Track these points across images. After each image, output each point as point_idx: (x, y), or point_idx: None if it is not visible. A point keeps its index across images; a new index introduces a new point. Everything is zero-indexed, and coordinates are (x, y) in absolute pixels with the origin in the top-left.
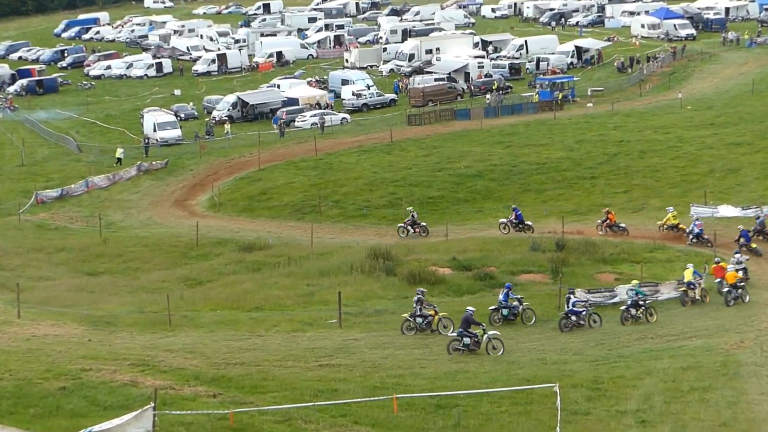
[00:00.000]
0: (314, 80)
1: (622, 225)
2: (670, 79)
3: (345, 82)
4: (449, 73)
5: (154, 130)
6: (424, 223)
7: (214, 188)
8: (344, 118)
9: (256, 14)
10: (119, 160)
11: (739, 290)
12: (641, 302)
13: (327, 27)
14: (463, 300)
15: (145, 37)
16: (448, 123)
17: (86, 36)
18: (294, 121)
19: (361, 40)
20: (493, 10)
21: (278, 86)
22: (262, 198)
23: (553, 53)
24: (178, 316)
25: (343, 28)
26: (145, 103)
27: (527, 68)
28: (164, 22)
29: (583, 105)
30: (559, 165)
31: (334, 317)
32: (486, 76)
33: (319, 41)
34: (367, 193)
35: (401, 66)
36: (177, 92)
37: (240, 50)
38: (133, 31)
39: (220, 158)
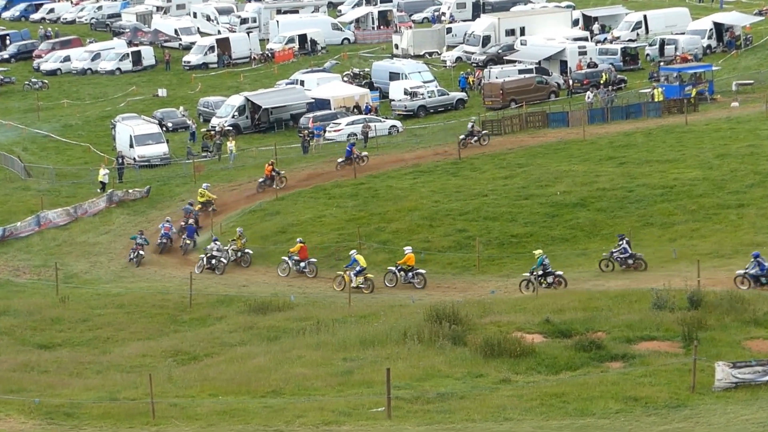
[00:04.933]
0: (352, 74)
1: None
2: None
3: (394, 76)
4: (539, 63)
5: (131, 146)
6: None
7: (214, 225)
8: (393, 126)
9: None
10: (103, 185)
11: None
12: None
13: (369, 0)
14: (559, 378)
15: (118, 16)
16: (538, 132)
17: (36, 16)
18: (324, 131)
19: (416, 17)
20: None
21: (302, 83)
22: (281, 238)
23: (683, 33)
24: (164, 405)
25: (392, 2)
26: (118, 108)
27: (647, 54)
28: None
29: (726, 104)
30: (692, 189)
31: (381, 404)
32: (590, 66)
33: (357, 20)
34: (427, 231)
35: (472, 53)
36: (162, 92)
37: (248, 34)
38: (100, 8)
39: (223, 183)
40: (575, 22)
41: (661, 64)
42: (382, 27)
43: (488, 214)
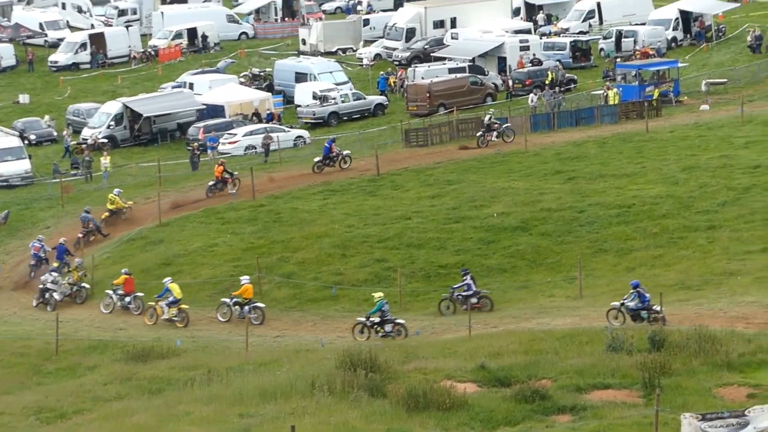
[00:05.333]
0: (250, 75)
1: None
2: None
3: (301, 77)
4: (473, 60)
5: None
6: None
7: (84, 258)
8: (300, 136)
9: None
10: None
11: None
12: None
13: None
14: None
15: None
16: (472, 142)
17: None
18: (217, 143)
19: (327, 7)
20: None
21: (191, 86)
22: (165, 272)
23: (643, 23)
24: None
25: None
26: None
27: (601, 49)
28: None
29: (695, 108)
30: (654, 208)
31: None
32: (533, 63)
33: (257, 11)
34: (339, 261)
35: (394, 50)
36: (23, 99)
37: (128, 28)
38: None
39: (96, 206)
40: (516, 12)
41: (618, 60)
42: (286, 19)
43: (412, 240)
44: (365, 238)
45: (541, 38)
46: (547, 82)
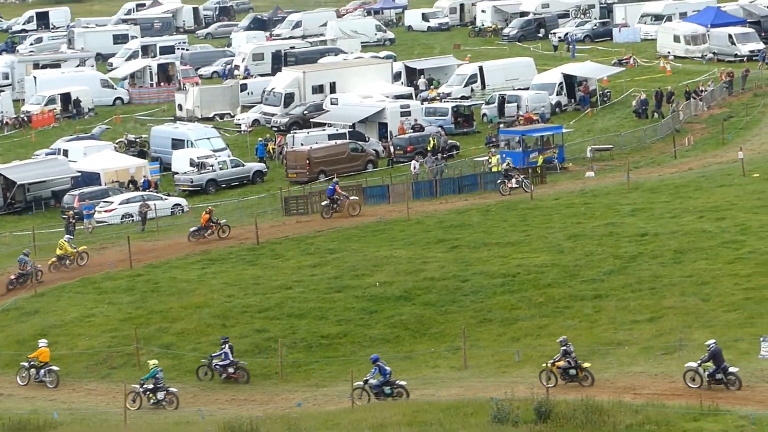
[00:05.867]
0: (126, 141)
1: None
2: (724, 128)
3: (178, 143)
4: (353, 126)
5: None
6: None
7: None
8: (177, 204)
9: (25, 31)
10: None
11: None
12: None
13: (146, 51)
14: None
15: None
16: (353, 209)
17: None
18: (93, 211)
19: (204, 71)
20: (425, 18)
21: (65, 153)
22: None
23: (527, 88)
24: None
25: (174, 53)
26: None
27: (484, 114)
28: None
29: (580, 174)
30: (539, 277)
31: None
32: (415, 129)
33: (132, 75)
34: (219, 331)
35: (272, 115)
36: None
37: None
38: None
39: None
40: (397, 76)
41: (501, 126)
42: (162, 84)
43: (293, 310)
44: (245, 308)
45: (422, 103)
46: (429, 148)
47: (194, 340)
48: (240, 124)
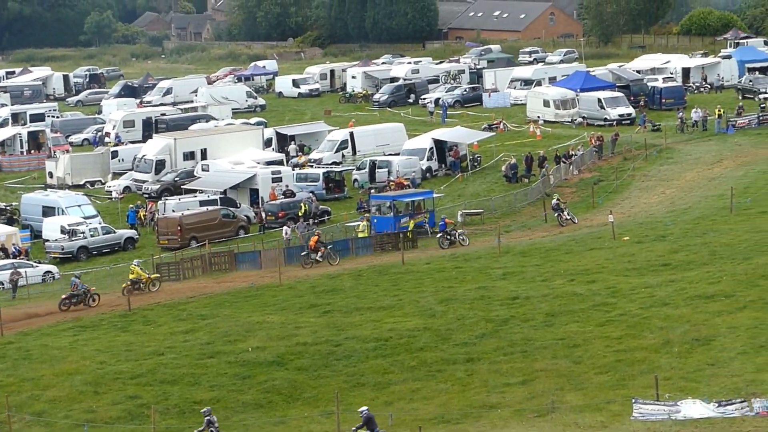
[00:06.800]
0: None
1: None
2: (594, 192)
3: (48, 211)
4: (224, 192)
5: None
6: None
7: None
8: (48, 271)
9: None
10: None
11: None
12: None
13: (16, 118)
14: None
15: None
16: (225, 275)
17: None
18: None
19: (74, 139)
20: (296, 84)
21: None
22: None
23: (397, 153)
24: None
25: (44, 120)
26: None
27: (355, 180)
28: None
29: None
30: (412, 341)
31: None
32: (286, 195)
33: (2, 143)
34: (91, 398)
35: (143, 182)
36: None
37: None
38: None
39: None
40: (268, 142)
41: (372, 191)
42: (33, 151)
43: (165, 376)
44: (117, 375)
45: (293, 169)
46: (300, 214)
47: (66, 407)
48: (111, 192)
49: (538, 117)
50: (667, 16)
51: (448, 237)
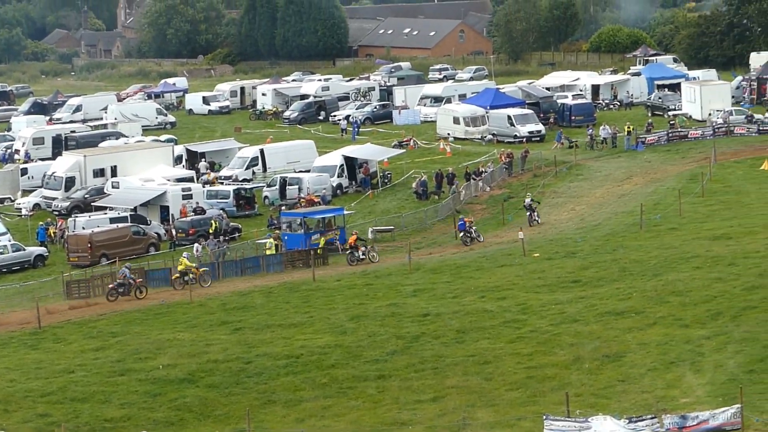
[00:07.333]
0: None
1: None
2: (504, 209)
3: None
4: (135, 209)
5: None
6: None
7: None
8: None
9: None
10: None
11: None
12: None
13: None
14: None
15: None
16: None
17: None
18: None
19: None
20: (206, 101)
21: None
22: None
23: (308, 170)
24: None
25: None
26: None
27: (266, 197)
28: None
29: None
30: (323, 358)
31: None
32: (197, 212)
33: None
34: (1, 417)
35: (53, 199)
36: None
37: None
38: None
39: None
40: (178, 159)
41: (283, 208)
42: None
43: (76, 394)
44: (27, 393)
45: (203, 186)
46: (211, 231)
47: None
48: (21, 209)
49: (448, 134)
50: (576, 33)
51: (470, 235)
